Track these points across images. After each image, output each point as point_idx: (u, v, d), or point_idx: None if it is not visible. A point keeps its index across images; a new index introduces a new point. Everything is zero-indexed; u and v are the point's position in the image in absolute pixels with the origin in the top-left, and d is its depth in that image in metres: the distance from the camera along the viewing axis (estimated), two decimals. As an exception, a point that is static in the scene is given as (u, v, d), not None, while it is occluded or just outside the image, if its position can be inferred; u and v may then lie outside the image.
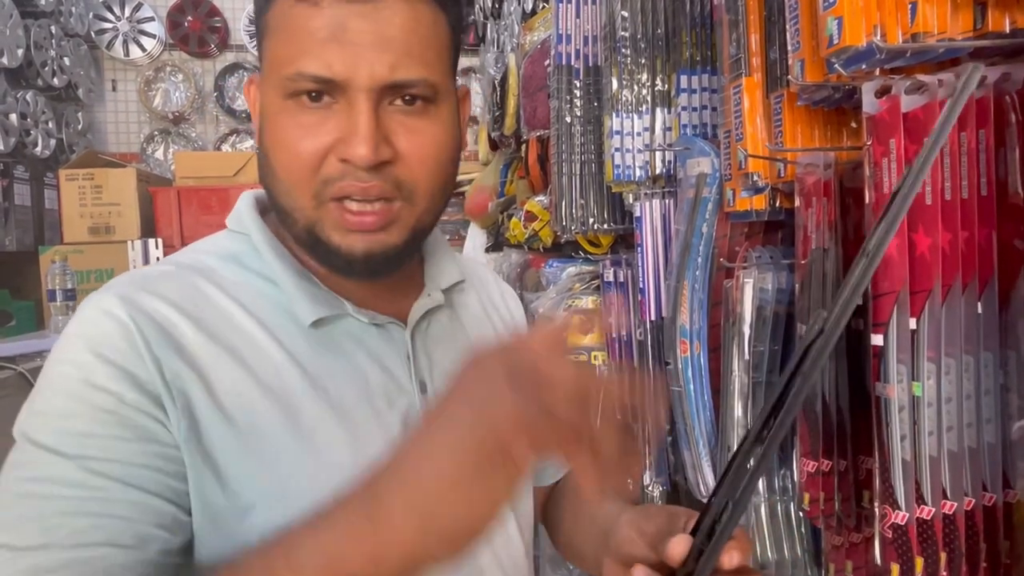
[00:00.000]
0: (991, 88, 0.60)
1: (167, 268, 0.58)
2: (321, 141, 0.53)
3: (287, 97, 0.53)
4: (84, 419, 0.48)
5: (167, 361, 0.51)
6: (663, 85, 1.13)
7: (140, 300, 0.52)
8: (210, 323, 0.54)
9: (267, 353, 0.55)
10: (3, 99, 2.93)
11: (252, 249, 0.59)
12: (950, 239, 0.59)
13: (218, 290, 0.56)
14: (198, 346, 0.52)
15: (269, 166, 0.56)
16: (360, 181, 0.53)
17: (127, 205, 2.80)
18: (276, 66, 0.53)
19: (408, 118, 0.54)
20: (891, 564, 0.59)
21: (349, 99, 0.52)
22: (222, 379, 0.52)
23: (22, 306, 2.77)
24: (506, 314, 0.77)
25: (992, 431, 0.60)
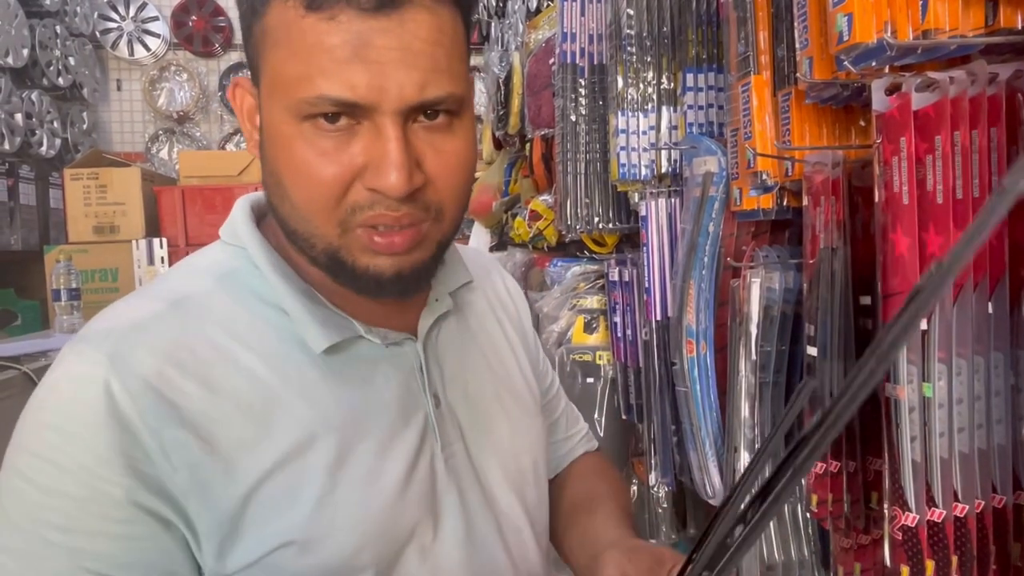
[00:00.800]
0: (1002, 86, 0.59)
1: (159, 306, 0.53)
2: (344, 168, 0.48)
3: (303, 119, 0.48)
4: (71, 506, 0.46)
5: (167, 432, 0.48)
6: (669, 83, 1.13)
7: (133, 359, 0.48)
8: (211, 373, 0.50)
9: (274, 392, 0.52)
10: (8, 99, 2.94)
11: (250, 265, 0.56)
12: (961, 238, 0.58)
13: (217, 328, 0.52)
14: (201, 404, 0.49)
15: (282, 190, 0.51)
16: (391, 211, 0.49)
17: (131, 204, 2.80)
18: (285, 84, 0.48)
19: (434, 136, 0.50)
20: (901, 566, 0.58)
21: (375, 123, 0.48)
22: (229, 437, 0.49)
23: (27, 305, 2.78)
24: (511, 308, 0.75)
25: (1003, 432, 0.59)
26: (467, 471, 0.60)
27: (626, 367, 1.28)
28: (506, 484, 0.62)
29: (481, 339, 0.67)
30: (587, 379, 1.41)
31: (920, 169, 0.59)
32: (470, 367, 0.64)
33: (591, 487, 0.76)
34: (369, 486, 0.53)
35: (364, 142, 0.48)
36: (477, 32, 3.63)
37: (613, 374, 1.37)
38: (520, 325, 0.75)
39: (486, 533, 0.59)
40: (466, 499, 0.59)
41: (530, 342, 0.76)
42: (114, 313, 0.53)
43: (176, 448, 0.48)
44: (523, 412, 0.67)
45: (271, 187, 0.53)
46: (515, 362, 0.70)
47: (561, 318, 1.46)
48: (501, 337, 0.70)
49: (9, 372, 1.59)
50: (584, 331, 1.44)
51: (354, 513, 0.52)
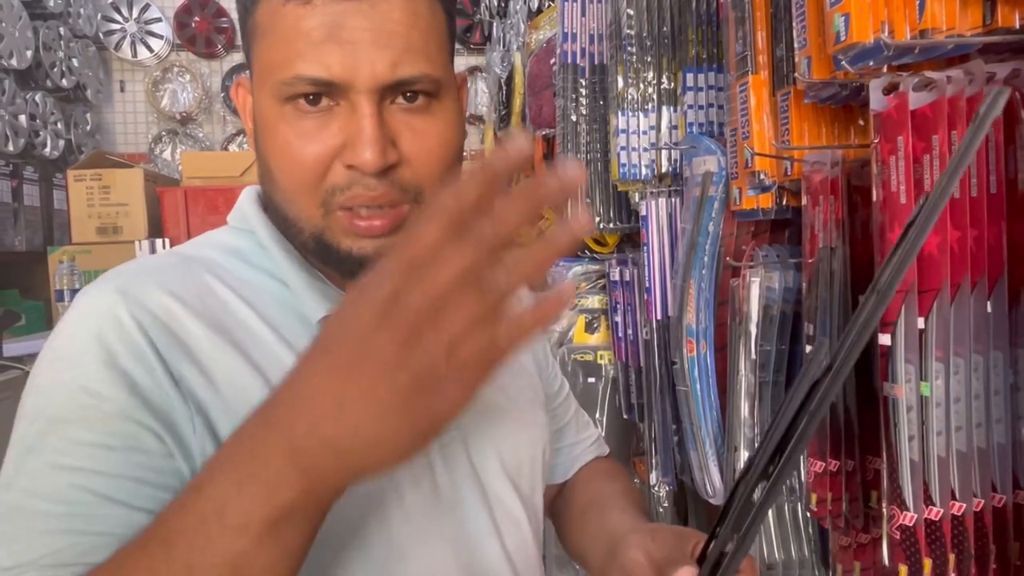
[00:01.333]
0: (1000, 84, 0.59)
1: (170, 259, 0.56)
2: (324, 147, 0.50)
3: (284, 102, 0.50)
4: (74, 426, 0.46)
5: (175, 365, 0.49)
6: (669, 83, 1.13)
7: (141, 294, 0.50)
8: (215, 317, 0.52)
9: (272, 350, 0.53)
10: (12, 100, 2.95)
11: (256, 245, 0.58)
12: (959, 237, 0.59)
13: (222, 284, 0.55)
14: (204, 341, 0.51)
15: (270, 174, 0.54)
16: (368, 189, 0.51)
17: (135, 205, 2.81)
18: (269, 70, 0.51)
19: (411, 116, 0.52)
20: (899, 565, 0.59)
21: (351, 101, 0.50)
22: (230, 380, 0.50)
23: (31, 306, 2.79)
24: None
25: (1002, 431, 0.59)
26: (463, 461, 0.59)
27: (627, 367, 1.28)
28: (504, 475, 0.62)
29: None
30: (588, 379, 1.41)
31: (917, 168, 0.59)
32: None
33: (602, 487, 0.76)
34: None
35: (341, 121, 0.50)
36: (479, 32, 3.63)
37: (614, 374, 1.37)
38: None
39: (480, 525, 0.59)
40: (460, 489, 0.59)
41: (536, 345, 0.76)
42: (128, 263, 0.56)
43: (183, 380, 0.49)
44: (525, 405, 0.67)
45: (263, 176, 0.56)
46: (519, 359, 0.70)
47: (563, 318, 1.46)
48: None
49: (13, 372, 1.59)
50: (585, 331, 1.44)
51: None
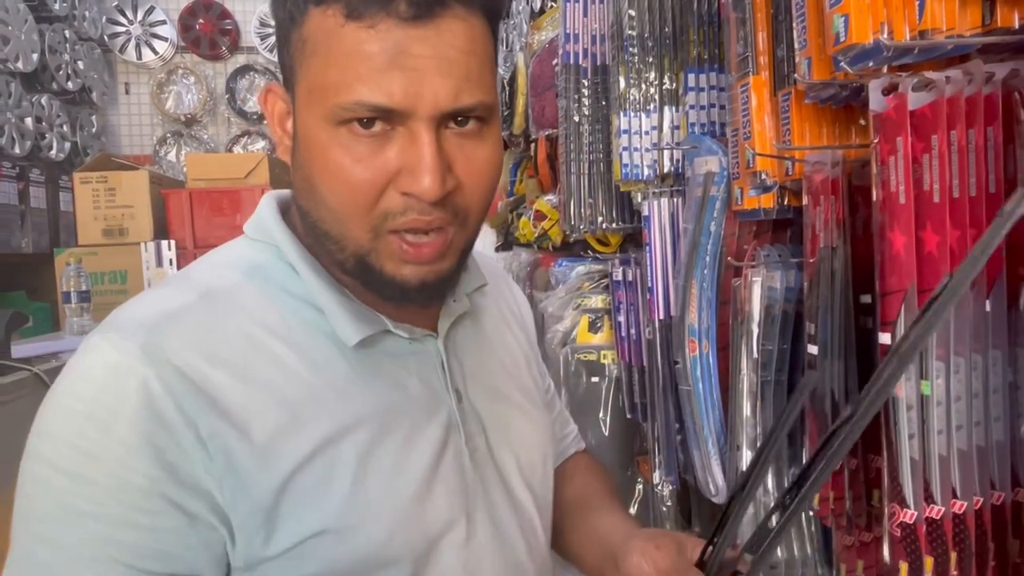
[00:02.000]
0: (999, 84, 0.60)
1: (190, 298, 0.53)
2: (380, 173, 0.49)
3: (338, 124, 0.49)
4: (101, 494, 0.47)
5: (203, 421, 0.48)
6: (671, 83, 1.13)
7: (166, 350, 0.49)
8: (242, 364, 0.51)
9: (304, 380, 0.53)
10: (19, 103, 2.97)
11: (278, 260, 0.57)
12: (958, 237, 0.59)
13: (247, 318, 0.53)
14: (232, 394, 0.50)
15: (316, 193, 0.52)
16: (424, 215, 0.50)
17: (140, 207, 2.83)
18: (323, 90, 0.49)
19: (465, 141, 0.51)
20: (899, 563, 0.59)
21: (409, 128, 0.49)
22: (260, 424, 0.50)
23: (37, 307, 2.81)
24: (516, 309, 0.77)
25: (1001, 429, 0.60)
26: (489, 465, 0.61)
27: (630, 366, 1.28)
28: (520, 478, 0.64)
29: (494, 339, 0.69)
30: (592, 378, 1.41)
31: (917, 169, 0.59)
32: (487, 364, 0.65)
33: (586, 484, 0.77)
34: (396, 477, 0.54)
35: (398, 147, 0.49)
36: (482, 33, 3.64)
37: (618, 373, 1.38)
38: (525, 328, 0.77)
39: (509, 525, 0.61)
40: (490, 493, 0.61)
41: (533, 346, 0.78)
42: (142, 304, 0.53)
43: (212, 437, 0.48)
44: (535, 409, 0.69)
45: (304, 191, 0.54)
46: (524, 361, 0.72)
47: (566, 318, 1.47)
48: (511, 338, 0.72)
49: (21, 373, 1.61)
50: (588, 330, 1.44)
51: (383, 502, 0.53)
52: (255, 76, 4.21)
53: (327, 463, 0.51)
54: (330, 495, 0.51)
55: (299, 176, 0.54)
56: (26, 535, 0.48)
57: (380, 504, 0.52)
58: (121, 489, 0.47)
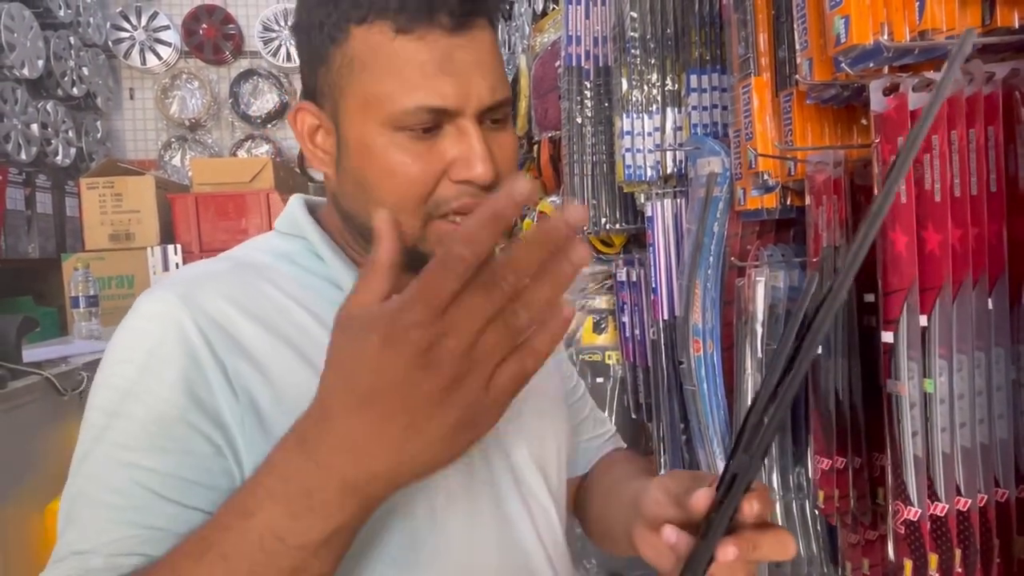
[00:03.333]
0: (999, 84, 0.60)
1: (224, 265, 0.60)
2: (436, 166, 0.55)
3: (397, 129, 0.55)
4: (135, 424, 0.51)
5: (230, 361, 0.53)
6: (673, 85, 1.14)
7: (201, 299, 0.55)
8: (269, 318, 0.57)
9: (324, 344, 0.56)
10: (24, 110, 2.99)
11: (306, 250, 0.62)
12: (960, 235, 0.59)
13: (274, 287, 0.59)
14: (258, 341, 0.55)
15: (370, 194, 0.57)
16: (475, 198, 0.56)
17: (146, 212, 2.84)
18: (379, 101, 0.55)
19: (496, 134, 0.58)
20: (904, 560, 0.59)
21: (458, 125, 0.55)
22: (283, 373, 0.55)
23: (45, 312, 2.82)
24: None
25: (1004, 427, 0.60)
26: (498, 453, 0.63)
27: (635, 366, 1.29)
28: (533, 465, 0.65)
29: None
30: (597, 379, 1.42)
31: (918, 168, 0.60)
32: None
33: (624, 470, 0.78)
34: None
35: (448, 142, 0.55)
36: (484, 35, 3.65)
37: (622, 373, 1.38)
38: None
39: (517, 513, 0.62)
40: (497, 480, 0.62)
41: None
42: (184, 269, 0.61)
43: (238, 377, 0.53)
44: (548, 400, 0.70)
45: (353, 195, 0.59)
46: None
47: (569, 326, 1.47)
48: None
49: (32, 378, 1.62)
50: (593, 331, 1.45)
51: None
52: (259, 80, 4.23)
53: None
54: None
55: (349, 181, 0.59)
56: (72, 475, 0.53)
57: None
58: (152, 420, 0.51)
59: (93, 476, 0.52)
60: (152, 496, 0.50)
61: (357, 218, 0.60)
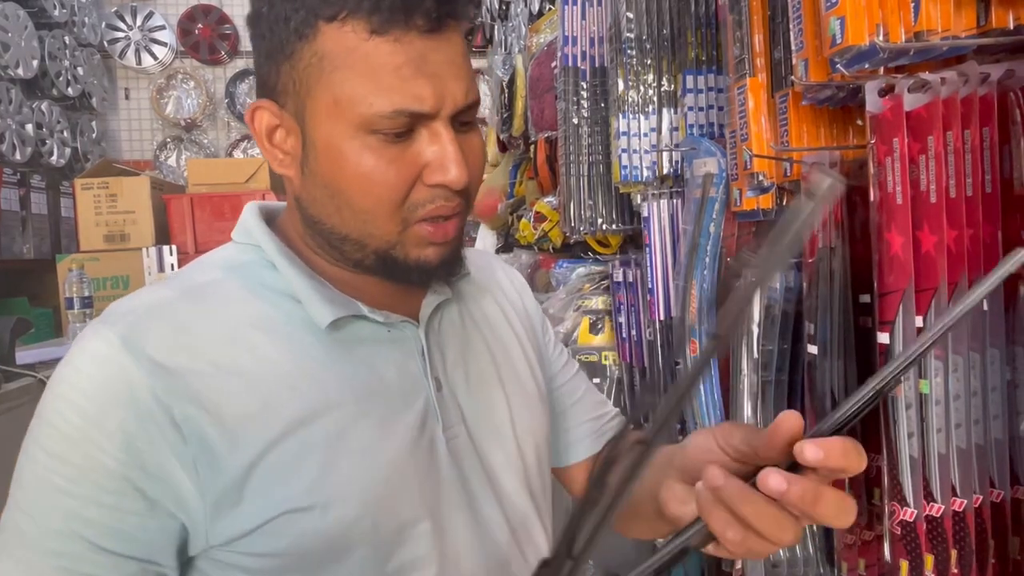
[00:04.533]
0: (994, 85, 0.60)
1: (170, 292, 0.57)
2: (410, 170, 0.54)
3: (370, 133, 0.53)
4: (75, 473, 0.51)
5: (177, 407, 0.51)
6: (669, 85, 1.14)
7: (143, 341, 0.53)
8: (216, 352, 0.54)
9: (280, 369, 0.55)
10: (19, 110, 2.98)
11: (261, 259, 0.60)
12: (955, 236, 0.59)
13: (223, 310, 0.57)
14: (207, 380, 0.53)
15: (340, 199, 0.56)
16: (449, 201, 0.56)
17: (141, 213, 2.83)
18: (351, 103, 0.53)
19: (466, 138, 0.57)
20: (900, 561, 0.59)
21: (431, 128, 0.54)
22: (234, 410, 0.53)
23: (40, 313, 2.81)
24: (517, 301, 0.77)
25: (1000, 427, 0.60)
26: (470, 455, 0.62)
27: (631, 367, 1.29)
28: (510, 470, 0.64)
29: (483, 327, 0.69)
30: (593, 379, 1.41)
31: (913, 169, 0.60)
32: (471, 353, 0.66)
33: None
34: (367, 460, 0.55)
35: (421, 145, 0.54)
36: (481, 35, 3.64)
37: (619, 374, 1.38)
38: (527, 318, 0.77)
39: (491, 518, 0.61)
40: (470, 485, 0.61)
41: (538, 334, 0.78)
42: (132, 298, 0.58)
43: (186, 421, 0.51)
44: (525, 399, 0.69)
45: (321, 200, 0.57)
46: (520, 352, 0.72)
47: (566, 319, 1.47)
48: (506, 327, 0.72)
49: (25, 379, 1.61)
50: (589, 332, 1.45)
51: (352, 483, 0.54)
52: (254, 80, 4.23)
53: (297, 444, 0.53)
54: (299, 475, 0.53)
55: (316, 185, 0.56)
56: (12, 503, 0.53)
57: (349, 485, 0.54)
58: (92, 469, 0.51)
59: (33, 515, 0.51)
60: (88, 546, 0.50)
61: (324, 224, 0.58)
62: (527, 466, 0.66)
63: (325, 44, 0.53)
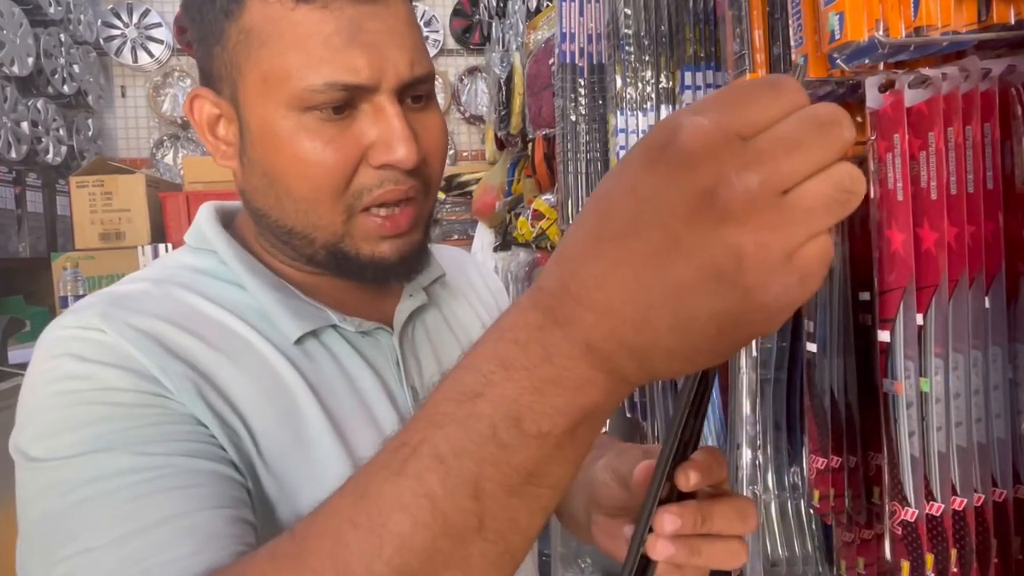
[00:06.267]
0: (996, 81, 0.60)
1: (142, 285, 0.53)
2: (353, 151, 0.50)
3: (304, 111, 0.49)
4: (112, 420, 0.43)
5: (169, 367, 0.47)
6: (667, 82, 1.13)
7: (124, 316, 0.48)
8: (203, 332, 0.50)
9: (265, 357, 0.52)
10: (15, 107, 2.96)
11: (220, 264, 0.56)
12: (956, 233, 0.59)
13: (202, 299, 0.53)
14: (197, 353, 0.49)
15: (280, 186, 0.51)
16: (399, 184, 0.51)
17: (137, 211, 2.82)
18: (282, 79, 0.48)
19: (420, 115, 0.52)
20: (901, 561, 0.59)
21: (374, 104, 0.49)
22: (227, 384, 0.49)
23: (35, 312, 2.80)
24: (491, 303, 0.74)
25: (1001, 426, 0.59)
26: None
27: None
28: None
29: (458, 332, 0.66)
30: (591, 378, 1.41)
31: (914, 165, 0.59)
32: (447, 360, 0.63)
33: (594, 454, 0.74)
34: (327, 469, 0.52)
35: (365, 123, 0.50)
36: (478, 33, 3.63)
37: (617, 372, 1.38)
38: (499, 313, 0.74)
39: None
40: None
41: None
42: (94, 296, 0.52)
43: (181, 380, 0.47)
44: None
45: (261, 190, 0.53)
46: None
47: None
48: (479, 329, 0.69)
49: (18, 379, 1.61)
50: (587, 330, 1.44)
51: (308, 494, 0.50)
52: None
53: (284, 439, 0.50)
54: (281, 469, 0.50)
55: (255, 174, 0.53)
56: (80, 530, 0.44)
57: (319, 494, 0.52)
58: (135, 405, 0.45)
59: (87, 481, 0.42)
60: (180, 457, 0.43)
61: (268, 216, 0.53)
62: None
63: (251, 19, 0.49)
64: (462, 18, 3.69)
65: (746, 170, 0.25)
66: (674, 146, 0.26)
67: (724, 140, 0.25)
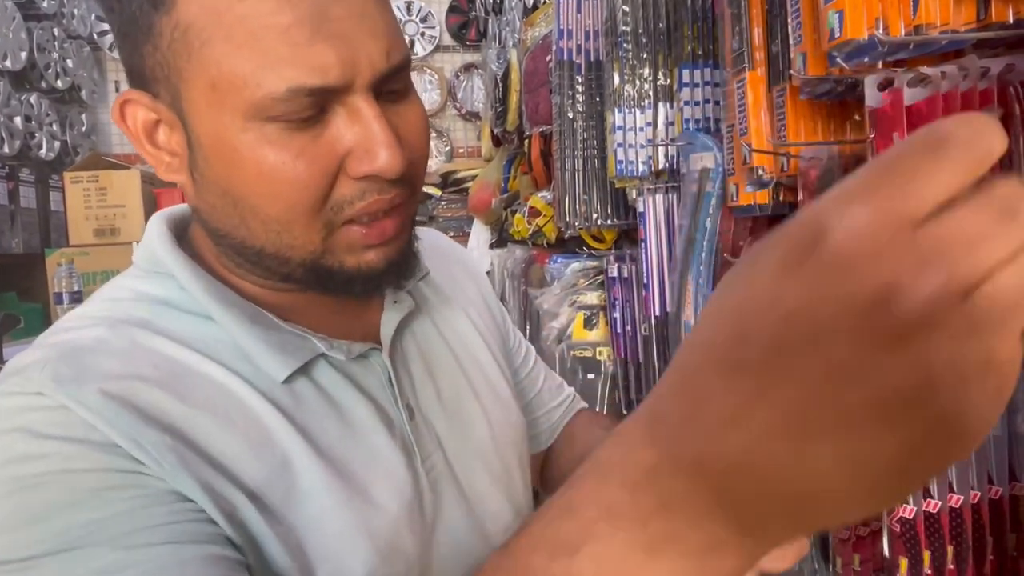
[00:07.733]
0: (994, 80, 0.60)
1: (96, 331, 0.45)
2: (328, 162, 0.43)
3: (266, 120, 0.41)
4: (77, 509, 0.37)
5: (143, 437, 0.40)
6: (665, 79, 1.13)
7: (82, 376, 0.41)
8: (175, 385, 0.43)
9: (247, 404, 0.46)
10: (7, 102, 2.94)
11: (181, 291, 0.48)
12: (955, 232, 0.59)
13: (168, 341, 0.45)
14: (172, 413, 0.42)
15: (243, 206, 0.44)
16: (384, 194, 0.45)
17: (132, 207, 2.81)
18: (235, 85, 0.40)
19: (399, 108, 0.46)
20: (899, 558, 0.59)
21: (348, 105, 0.42)
22: (210, 445, 0.43)
23: (29, 308, 2.79)
24: (475, 296, 0.69)
25: (999, 424, 0.60)
26: (448, 482, 0.55)
27: (626, 362, 1.28)
28: (494, 489, 0.58)
29: (448, 336, 0.62)
30: (588, 375, 1.41)
31: (913, 164, 0.59)
32: (440, 370, 0.59)
33: (585, 441, 0.73)
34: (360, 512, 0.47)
35: (340, 127, 0.43)
36: (475, 29, 3.63)
37: (614, 370, 1.38)
38: (488, 313, 0.69)
39: (468, 543, 0.55)
40: (444, 512, 0.54)
41: (497, 322, 0.71)
42: (40, 347, 0.44)
43: (156, 447, 0.40)
44: (502, 407, 0.63)
45: (222, 209, 0.46)
46: (487, 353, 0.65)
47: (561, 314, 1.47)
48: (468, 328, 0.64)
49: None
50: (584, 327, 1.44)
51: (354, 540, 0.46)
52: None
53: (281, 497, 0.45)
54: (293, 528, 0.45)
55: (211, 192, 0.45)
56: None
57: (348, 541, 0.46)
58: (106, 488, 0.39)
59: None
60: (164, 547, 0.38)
61: (231, 236, 0.47)
62: (512, 480, 0.61)
63: (188, 11, 0.40)
64: (458, 14, 3.68)
65: (926, 270, 0.20)
66: (827, 245, 0.21)
67: (890, 233, 0.20)
